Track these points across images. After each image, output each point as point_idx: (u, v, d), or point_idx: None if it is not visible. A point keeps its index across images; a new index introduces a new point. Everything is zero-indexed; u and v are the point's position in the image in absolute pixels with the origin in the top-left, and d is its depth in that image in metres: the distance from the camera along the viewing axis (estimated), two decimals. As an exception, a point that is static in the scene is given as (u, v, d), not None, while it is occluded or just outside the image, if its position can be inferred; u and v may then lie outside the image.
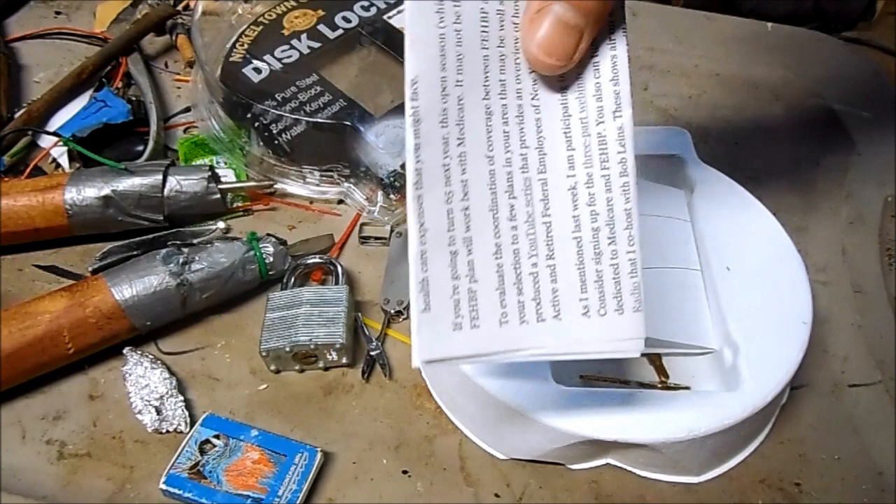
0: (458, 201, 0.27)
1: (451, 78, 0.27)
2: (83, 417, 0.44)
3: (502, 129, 0.28)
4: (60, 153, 0.57)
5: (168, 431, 0.43)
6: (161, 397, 0.44)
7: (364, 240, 0.53)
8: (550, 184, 0.28)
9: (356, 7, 0.62)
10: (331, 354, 0.45)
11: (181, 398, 0.44)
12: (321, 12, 0.62)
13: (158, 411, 0.44)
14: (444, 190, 0.27)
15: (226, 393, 0.46)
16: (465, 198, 0.28)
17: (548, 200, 0.28)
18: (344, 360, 0.46)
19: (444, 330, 0.27)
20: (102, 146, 0.56)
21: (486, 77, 0.28)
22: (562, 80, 0.29)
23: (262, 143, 0.55)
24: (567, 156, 0.29)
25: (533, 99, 0.29)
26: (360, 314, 0.49)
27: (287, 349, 0.45)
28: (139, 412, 0.44)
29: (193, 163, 0.57)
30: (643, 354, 0.44)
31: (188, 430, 0.43)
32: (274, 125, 0.54)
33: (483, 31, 0.28)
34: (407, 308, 0.48)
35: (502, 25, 0.28)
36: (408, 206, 0.27)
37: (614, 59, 0.29)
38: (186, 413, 0.44)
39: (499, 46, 0.28)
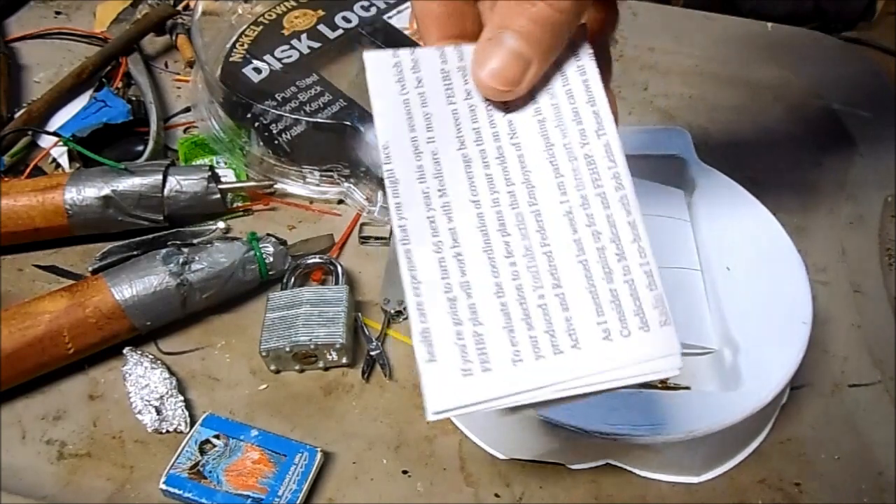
0: (449, 248, 0.27)
1: (422, 137, 0.28)
2: (83, 417, 0.44)
3: (484, 173, 0.28)
4: (60, 153, 0.57)
5: (168, 431, 0.43)
6: (161, 397, 0.44)
7: (364, 240, 0.53)
8: (544, 214, 0.28)
9: (356, 7, 0.63)
10: (331, 354, 0.45)
11: (181, 398, 0.44)
12: (321, 12, 0.62)
13: (158, 411, 0.44)
14: (433, 241, 0.27)
15: (226, 393, 0.46)
16: (456, 244, 0.27)
17: (544, 230, 0.28)
18: (344, 360, 0.46)
19: (454, 378, 0.26)
20: (102, 146, 0.56)
21: (459, 129, 0.29)
22: (538, 114, 0.29)
23: (262, 143, 0.55)
24: (557, 182, 0.28)
25: (512, 138, 0.29)
26: (360, 314, 0.49)
27: (287, 349, 0.45)
28: (139, 412, 0.44)
29: (193, 163, 0.57)
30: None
31: (188, 430, 0.43)
32: (274, 125, 0.54)
33: (447, 89, 0.29)
34: (407, 308, 0.48)
35: (466, 80, 0.29)
36: (399, 261, 0.27)
37: (586, 82, 0.29)
38: (186, 413, 0.44)
39: (466, 99, 0.29)
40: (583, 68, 0.29)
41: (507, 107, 0.29)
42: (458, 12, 0.29)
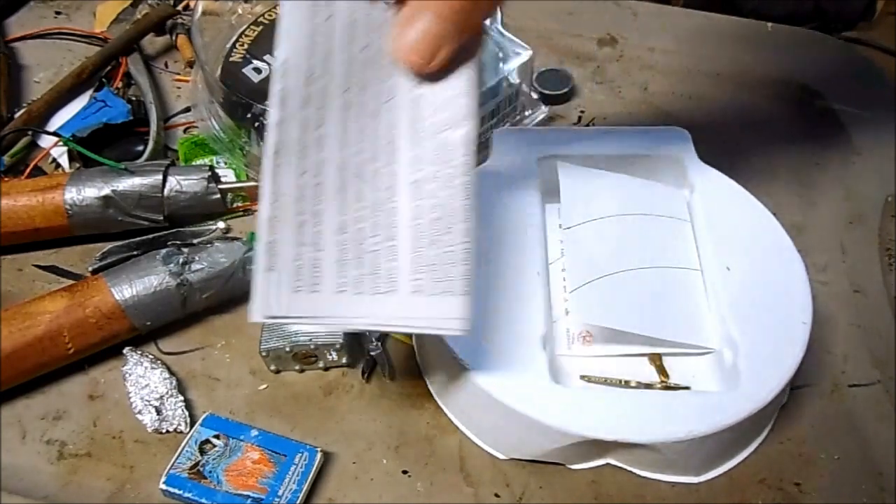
0: (311, 177, 0.30)
1: (318, 68, 0.30)
2: (83, 417, 0.44)
3: (360, 122, 0.31)
4: (60, 153, 0.57)
5: (168, 431, 0.43)
6: (161, 397, 0.44)
7: (364, 240, 0.53)
8: (398, 177, 0.31)
9: (356, 7, 0.62)
10: (331, 354, 0.45)
11: (181, 398, 0.44)
12: (321, 12, 0.62)
13: (158, 411, 0.44)
14: (299, 164, 0.30)
15: (226, 393, 0.46)
16: (318, 175, 0.30)
17: (394, 190, 0.31)
18: (344, 360, 0.46)
19: (285, 290, 0.30)
20: (102, 146, 0.56)
21: (350, 75, 0.31)
22: (418, 87, 0.31)
23: (262, 143, 0.55)
24: (414, 154, 0.31)
25: (389, 101, 0.31)
26: (360, 314, 0.48)
27: (287, 349, 0.45)
28: (139, 412, 0.44)
29: (193, 163, 0.57)
30: (643, 355, 0.44)
31: (188, 430, 0.43)
32: (274, 125, 0.54)
33: (351, 34, 0.31)
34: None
35: (369, 35, 0.31)
36: (263, 173, 0.29)
37: (469, 76, 0.32)
38: (186, 413, 0.44)
39: (363, 50, 0.31)
40: (471, 63, 0.32)
41: (395, 72, 0.31)
42: None
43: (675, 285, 0.45)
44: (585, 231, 0.47)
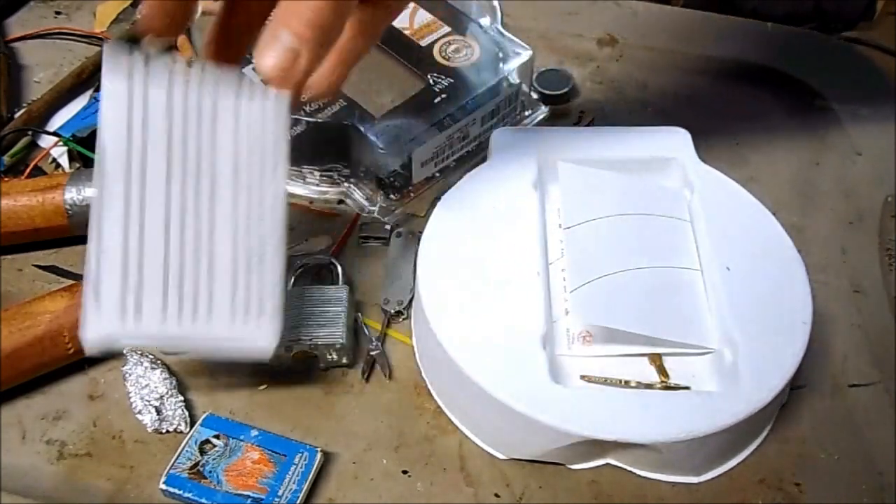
0: (135, 224, 0.34)
1: (137, 143, 0.35)
2: (83, 417, 0.44)
3: (181, 180, 0.35)
4: (60, 153, 0.57)
5: (168, 431, 0.43)
6: (161, 397, 0.44)
7: (364, 240, 0.53)
8: (217, 221, 0.35)
9: (356, 7, 0.62)
10: (331, 354, 0.45)
11: (181, 398, 0.44)
12: (321, 12, 0.62)
13: (158, 411, 0.44)
14: (123, 215, 0.34)
15: (226, 393, 0.46)
16: (141, 223, 0.34)
17: (214, 232, 0.35)
18: (344, 360, 0.46)
19: (111, 318, 0.34)
20: (102, 146, 0.56)
21: (169, 145, 0.35)
22: (237, 143, 0.36)
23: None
24: (234, 198, 0.36)
25: (213, 153, 0.36)
26: (360, 314, 0.49)
27: (287, 349, 0.45)
28: (139, 412, 0.44)
29: (193, 163, 0.57)
30: (643, 355, 0.44)
31: (188, 430, 0.43)
32: (274, 125, 0.54)
33: (170, 99, 0.35)
34: (407, 308, 0.49)
35: (187, 95, 0.35)
36: (90, 222, 0.34)
37: (279, 121, 0.37)
38: (186, 413, 0.44)
39: (182, 111, 0.35)
40: (280, 111, 0.36)
41: (214, 127, 0.36)
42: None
43: (675, 285, 0.45)
44: (585, 231, 0.47)
